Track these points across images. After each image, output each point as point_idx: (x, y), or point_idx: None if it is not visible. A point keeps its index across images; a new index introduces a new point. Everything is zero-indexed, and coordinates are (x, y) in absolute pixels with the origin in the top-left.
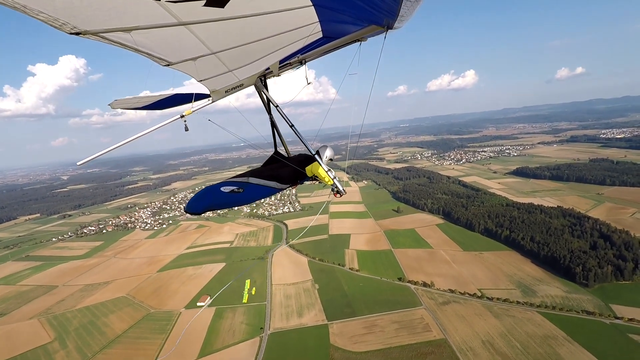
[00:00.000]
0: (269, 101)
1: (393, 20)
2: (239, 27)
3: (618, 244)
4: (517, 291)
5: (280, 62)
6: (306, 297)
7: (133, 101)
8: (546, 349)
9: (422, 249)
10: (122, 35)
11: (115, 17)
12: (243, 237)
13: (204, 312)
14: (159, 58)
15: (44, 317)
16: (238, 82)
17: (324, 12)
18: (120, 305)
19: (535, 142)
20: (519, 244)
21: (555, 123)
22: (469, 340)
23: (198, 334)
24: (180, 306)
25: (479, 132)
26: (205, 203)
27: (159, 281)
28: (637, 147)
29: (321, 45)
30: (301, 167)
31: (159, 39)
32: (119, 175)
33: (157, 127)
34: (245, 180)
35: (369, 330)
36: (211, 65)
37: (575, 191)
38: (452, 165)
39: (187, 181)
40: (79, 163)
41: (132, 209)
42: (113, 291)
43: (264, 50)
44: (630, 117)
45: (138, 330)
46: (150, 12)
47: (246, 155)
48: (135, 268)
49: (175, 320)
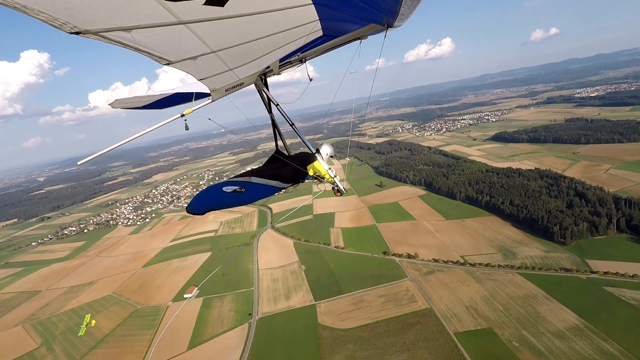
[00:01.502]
0: (270, 100)
1: (393, 19)
2: (239, 25)
3: (593, 200)
4: (498, 255)
5: (280, 61)
6: (293, 279)
7: (134, 100)
8: (527, 308)
9: (405, 221)
10: (122, 34)
11: (115, 17)
12: (228, 224)
13: (192, 302)
14: (159, 57)
15: (28, 324)
16: (238, 80)
17: (324, 10)
18: (107, 304)
19: (513, 107)
20: (499, 208)
21: (532, 86)
22: (453, 307)
23: (187, 325)
24: (167, 300)
25: (458, 100)
26: (207, 203)
27: (145, 276)
28: (610, 104)
29: (321, 43)
30: (303, 166)
31: (159, 38)
32: (97, 172)
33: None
34: (247, 179)
35: (356, 307)
36: (211, 64)
37: (552, 152)
38: (432, 136)
39: (169, 172)
40: (79, 163)
41: (113, 205)
42: (98, 291)
43: (264, 48)
44: (603, 75)
45: (125, 328)
46: (150, 11)
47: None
48: (120, 265)
49: (163, 315)
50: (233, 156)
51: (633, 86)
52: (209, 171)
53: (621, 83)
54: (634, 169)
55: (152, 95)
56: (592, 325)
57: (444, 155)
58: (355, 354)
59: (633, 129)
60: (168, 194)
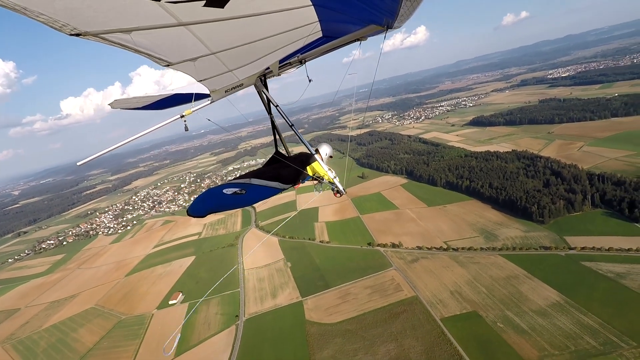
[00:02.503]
0: (269, 101)
1: (393, 20)
2: (238, 27)
3: (568, 178)
4: (480, 238)
5: (280, 62)
6: (279, 277)
7: (133, 101)
8: (509, 289)
9: (388, 210)
10: (122, 36)
11: (115, 18)
12: (211, 226)
13: (177, 309)
14: (159, 58)
15: (8, 344)
16: (238, 82)
17: (324, 12)
18: (89, 317)
19: (489, 91)
20: (479, 192)
21: (506, 69)
22: (438, 292)
23: (173, 331)
24: (151, 308)
25: (435, 87)
26: (208, 206)
27: (128, 286)
28: (580, 83)
29: (321, 44)
30: (302, 167)
31: (159, 40)
32: (75, 182)
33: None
34: (247, 181)
35: (343, 300)
36: (211, 65)
37: (528, 133)
38: (412, 124)
39: (149, 177)
40: (79, 163)
41: (92, 215)
42: (80, 304)
43: (263, 50)
44: (574, 55)
45: (110, 340)
46: (150, 12)
47: (207, 142)
48: (102, 276)
49: (148, 323)
50: (214, 157)
51: (602, 64)
52: (190, 173)
53: (590, 62)
54: (605, 144)
55: (152, 96)
56: (572, 301)
57: (423, 143)
58: (344, 347)
59: (603, 106)
60: (149, 199)
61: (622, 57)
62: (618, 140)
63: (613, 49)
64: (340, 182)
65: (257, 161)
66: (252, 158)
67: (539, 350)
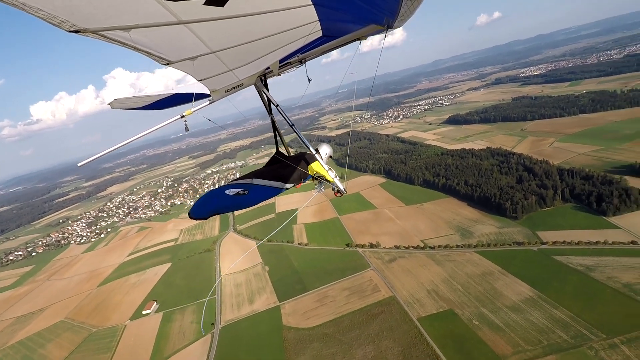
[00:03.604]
0: (270, 101)
1: (393, 20)
2: (239, 26)
3: (540, 174)
4: (456, 235)
5: (280, 62)
6: (257, 282)
7: (132, 101)
8: (484, 285)
9: (367, 210)
10: (121, 33)
11: (114, 15)
12: (188, 231)
13: (152, 318)
14: (159, 57)
15: None
16: (238, 81)
17: (324, 11)
18: (58, 331)
19: (465, 89)
20: (455, 189)
21: (481, 68)
22: (416, 292)
23: (147, 343)
24: (124, 319)
25: (413, 87)
26: (210, 207)
27: (100, 296)
28: (551, 81)
29: (321, 44)
30: (304, 166)
31: (159, 38)
32: (46, 190)
33: (159, 126)
34: (249, 181)
35: (320, 303)
36: (211, 65)
37: (501, 130)
38: (390, 124)
39: (125, 183)
40: (79, 164)
41: (64, 223)
42: (49, 318)
43: (263, 49)
44: (544, 54)
45: (80, 355)
46: (150, 10)
47: (186, 145)
48: (73, 287)
49: (120, 335)
50: (192, 160)
51: (570, 63)
52: (167, 178)
53: (560, 60)
54: (574, 140)
55: (152, 96)
56: (544, 295)
57: (401, 142)
58: (321, 352)
59: (572, 103)
60: (124, 205)
61: (589, 56)
62: (586, 135)
63: (581, 48)
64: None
65: (236, 164)
66: (231, 161)
67: (513, 346)
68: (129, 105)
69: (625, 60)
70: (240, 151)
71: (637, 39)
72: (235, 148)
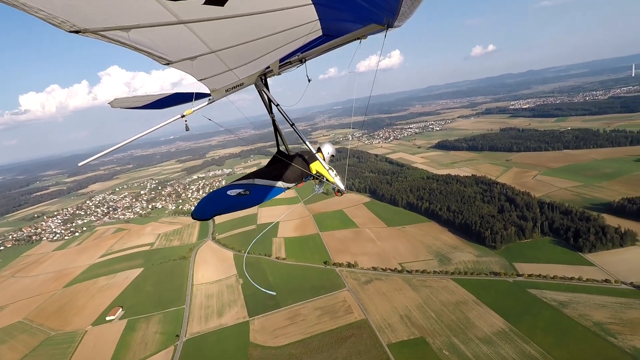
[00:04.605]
0: (270, 100)
1: (393, 19)
2: (238, 25)
3: (521, 205)
4: (434, 261)
5: (280, 61)
6: (229, 294)
7: (132, 100)
8: (458, 314)
9: (348, 229)
10: (121, 33)
11: (114, 16)
12: (166, 237)
13: (115, 325)
14: (159, 57)
15: None
16: (238, 81)
17: (324, 10)
18: (15, 332)
19: (456, 116)
20: (437, 214)
21: (473, 97)
22: (388, 316)
23: (105, 352)
24: (86, 324)
25: (406, 109)
26: (213, 208)
27: (65, 298)
28: (539, 115)
29: (321, 43)
30: (304, 166)
31: (159, 38)
32: (26, 182)
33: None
34: (250, 182)
35: (291, 321)
36: (211, 64)
37: (488, 159)
38: (380, 144)
39: (107, 182)
40: (80, 164)
41: (39, 218)
42: (7, 317)
43: (264, 48)
44: (534, 89)
45: None
46: (150, 10)
47: (175, 149)
48: (38, 286)
49: (79, 341)
50: (180, 164)
51: (558, 100)
52: (152, 180)
53: (548, 97)
54: (557, 174)
55: (152, 95)
56: (516, 329)
57: (389, 163)
58: None
59: (557, 138)
60: (104, 204)
61: (577, 95)
62: (568, 171)
63: (569, 86)
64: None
65: (224, 171)
66: (219, 168)
67: None
68: (129, 104)
69: (609, 102)
70: (230, 159)
71: (620, 82)
72: (225, 155)
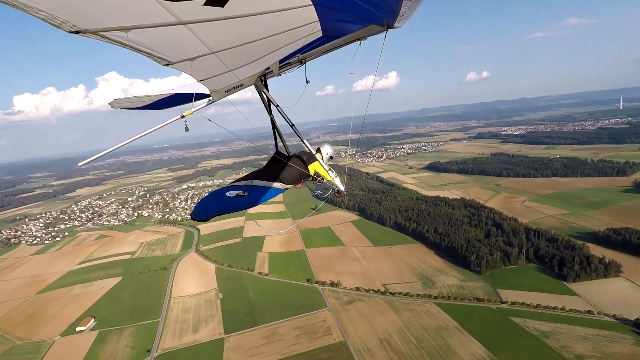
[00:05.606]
0: (270, 101)
1: (393, 20)
2: (239, 26)
3: (507, 231)
4: (418, 283)
5: (280, 62)
6: (206, 309)
7: (133, 100)
8: (438, 341)
9: (334, 246)
10: (121, 34)
11: (114, 16)
12: (148, 246)
13: (85, 337)
14: (159, 57)
15: None
16: (238, 81)
17: (324, 11)
18: None
19: (448, 139)
20: (424, 236)
21: (466, 121)
22: (368, 340)
23: None
24: (55, 333)
25: (400, 130)
26: (212, 209)
27: (36, 305)
28: (529, 142)
29: (321, 44)
30: (303, 167)
31: (159, 38)
32: (12, 183)
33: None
34: (249, 183)
35: (267, 340)
36: (211, 65)
37: (478, 183)
38: (373, 162)
39: (95, 187)
40: (80, 164)
41: (20, 221)
42: None
43: (263, 49)
44: (526, 117)
45: None
46: (150, 11)
47: (168, 157)
48: (11, 291)
49: (45, 352)
50: (171, 172)
51: (548, 127)
52: (140, 187)
53: (539, 124)
54: (544, 201)
55: (152, 96)
56: (497, 358)
57: (380, 182)
58: None
59: (546, 165)
60: (89, 210)
61: (566, 124)
62: (556, 198)
63: (559, 115)
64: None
65: (214, 182)
66: (210, 178)
67: None
68: (129, 104)
69: (597, 132)
70: (222, 170)
71: (609, 114)
72: (217, 166)
